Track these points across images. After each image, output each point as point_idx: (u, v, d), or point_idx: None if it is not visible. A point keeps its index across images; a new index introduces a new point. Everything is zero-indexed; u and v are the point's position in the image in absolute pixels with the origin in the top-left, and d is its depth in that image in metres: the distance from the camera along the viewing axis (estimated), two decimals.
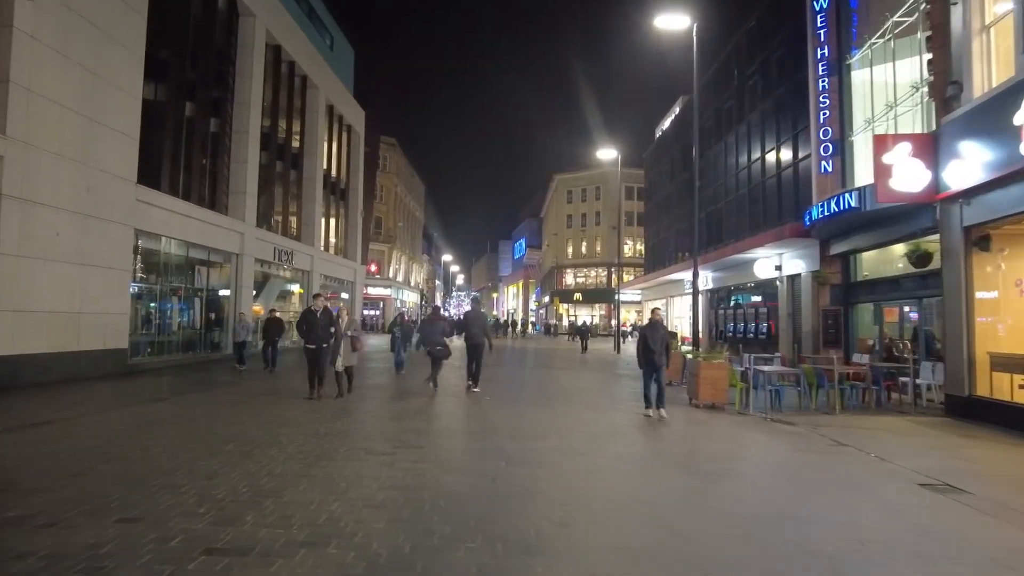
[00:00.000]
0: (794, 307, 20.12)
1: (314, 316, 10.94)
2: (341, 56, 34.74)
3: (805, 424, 9.68)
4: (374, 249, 55.51)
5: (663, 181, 37.82)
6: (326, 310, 11.15)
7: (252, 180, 22.58)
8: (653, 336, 10.23)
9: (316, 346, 10.82)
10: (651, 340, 10.18)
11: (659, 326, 10.43)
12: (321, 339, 10.82)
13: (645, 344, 10.24)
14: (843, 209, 13.37)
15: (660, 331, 10.36)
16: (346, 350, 11.01)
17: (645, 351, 10.23)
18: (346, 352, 11.01)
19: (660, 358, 10.13)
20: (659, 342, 10.20)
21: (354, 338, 11.24)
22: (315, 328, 10.85)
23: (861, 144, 15.94)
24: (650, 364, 10.13)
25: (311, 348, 10.87)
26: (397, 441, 7.25)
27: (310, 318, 11.02)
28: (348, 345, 11.07)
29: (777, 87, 21.38)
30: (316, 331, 10.83)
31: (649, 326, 10.55)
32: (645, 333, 10.41)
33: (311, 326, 10.94)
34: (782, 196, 21.14)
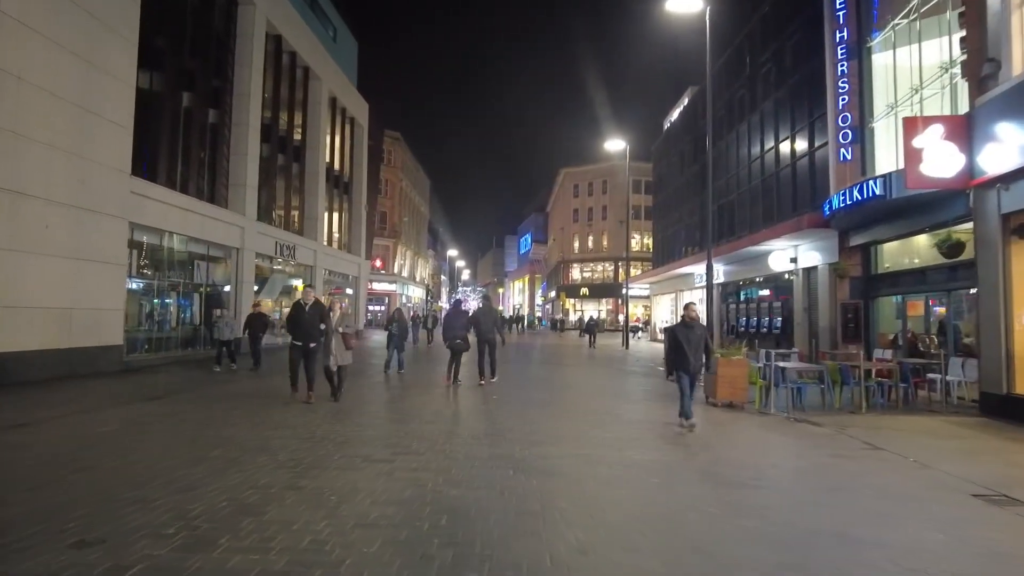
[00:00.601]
0: (810, 301, 19.47)
1: (303, 310, 9.91)
2: (344, 48, 34.18)
3: (831, 424, 9.10)
4: (379, 244, 55.04)
5: (672, 174, 37.14)
6: (317, 303, 10.12)
7: (252, 173, 22.08)
8: (688, 337, 8.53)
9: (304, 344, 9.86)
10: (686, 342, 8.50)
11: (696, 325, 8.68)
12: (310, 336, 9.82)
13: (678, 346, 8.56)
14: (866, 198, 12.72)
15: (697, 331, 8.64)
16: (339, 347, 9.92)
17: (678, 355, 8.58)
18: (339, 350, 9.92)
19: (697, 364, 8.61)
20: (696, 345, 8.57)
21: (346, 335, 10.03)
22: (303, 324, 9.86)
23: (882, 130, 15.28)
24: (683, 370, 8.49)
25: (298, 346, 9.92)
26: (397, 447, 6.71)
27: (298, 313, 9.98)
28: (340, 342, 9.97)
29: (792, 74, 20.68)
30: (304, 327, 9.85)
31: (683, 325, 8.73)
32: (677, 334, 8.63)
33: (299, 322, 9.92)
34: (797, 187, 20.47)
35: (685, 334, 8.56)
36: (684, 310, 8.88)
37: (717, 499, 5.14)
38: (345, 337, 9.94)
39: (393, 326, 14.81)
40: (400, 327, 14.79)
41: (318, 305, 10.10)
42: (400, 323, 14.92)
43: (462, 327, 12.91)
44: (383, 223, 55.74)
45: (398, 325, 14.80)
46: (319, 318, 9.84)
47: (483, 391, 11.96)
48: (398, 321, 14.96)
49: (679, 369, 8.55)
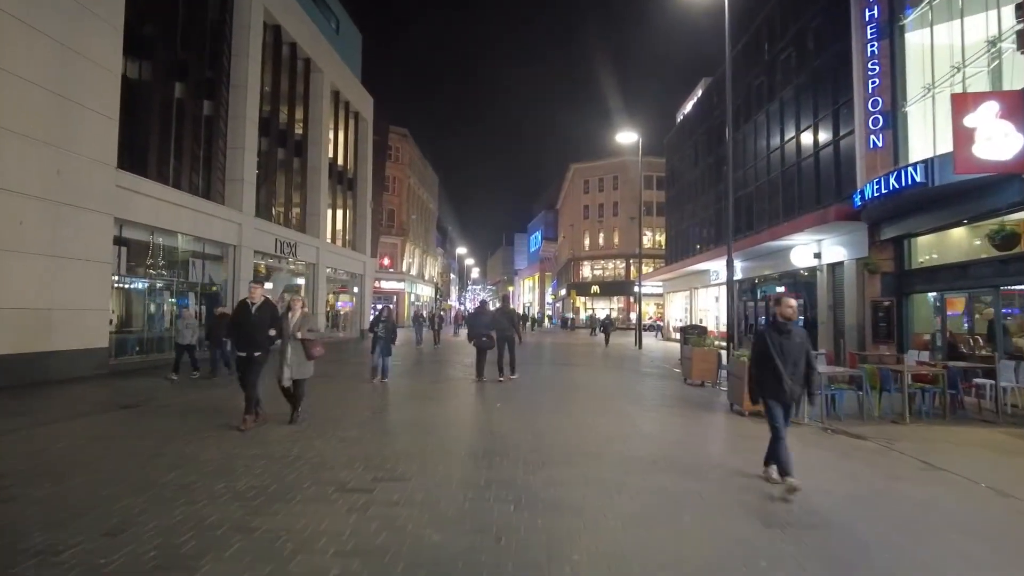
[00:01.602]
0: (835, 299, 18.38)
1: (248, 311, 7.81)
2: (347, 40, 33.30)
3: (876, 437, 8.10)
4: (386, 242, 54.29)
5: (686, 167, 36.00)
6: (267, 303, 8.00)
7: (250, 167, 21.24)
8: (783, 347, 5.64)
9: (248, 354, 7.75)
10: (780, 354, 5.61)
11: (796, 330, 5.78)
12: (254, 343, 7.74)
13: (768, 360, 5.67)
14: (905, 186, 11.66)
15: (797, 339, 5.71)
16: (296, 357, 7.95)
17: (767, 374, 5.69)
18: (296, 360, 7.95)
19: (797, 388, 5.71)
20: (796, 358, 5.66)
21: (308, 341, 7.97)
22: (247, 328, 7.75)
23: (917, 115, 14.20)
24: (776, 397, 5.71)
25: (241, 357, 7.84)
26: (380, 469, 5.77)
27: (242, 314, 7.88)
28: (300, 350, 7.96)
29: (814, 59, 19.56)
30: (248, 332, 7.76)
31: (774, 329, 5.80)
32: (769, 341, 5.72)
33: (242, 325, 7.83)
34: (821, 178, 19.35)
35: (779, 342, 5.66)
36: (777, 305, 5.95)
37: (767, 543, 4.17)
38: (307, 344, 7.99)
39: (379, 327, 12.65)
40: (387, 328, 12.69)
41: (268, 306, 8.04)
42: (388, 323, 12.77)
43: (486, 326, 13.71)
44: (391, 221, 54.97)
45: (385, 326, 12.67)
46: (268, 321, 7.90)
47: (488, 396, 11.06)
48: (385, 321, 12.81)
49: (769, 396, 5.74)
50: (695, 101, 37.27)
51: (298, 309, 8.22)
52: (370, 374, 12.90)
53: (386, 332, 12.56)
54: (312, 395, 10.52)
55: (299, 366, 8.03)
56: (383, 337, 12.52)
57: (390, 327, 12.73)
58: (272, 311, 8.06)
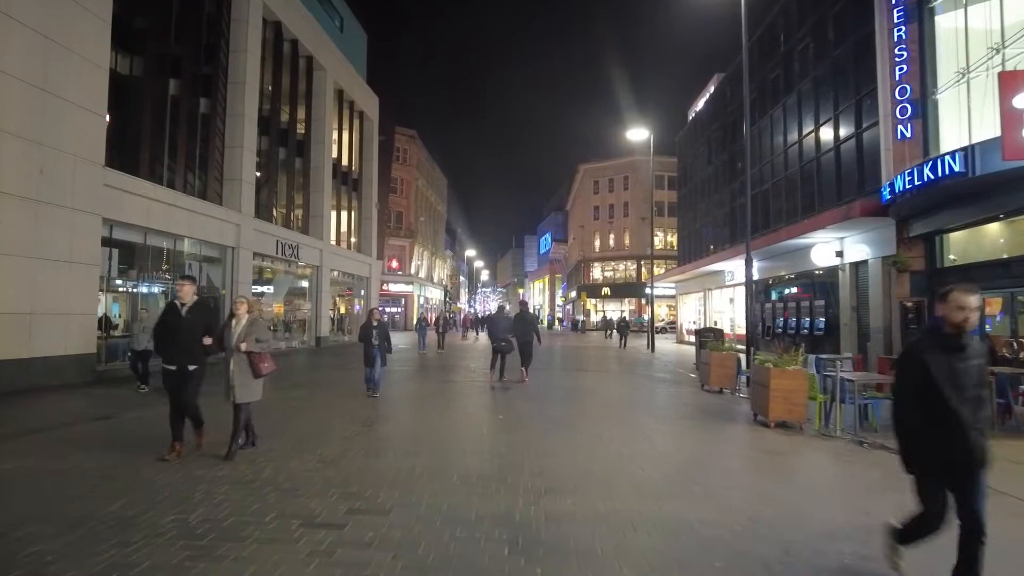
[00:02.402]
0: (859, 299, 17.47)
1: (177, 315, 6.38)
2: (352, 39, 32.72)
3: None
4: (395, 244, 53.73)
5: (699, 165, 35.07)
6: (200, 305, 6.61)
7: (249, 167, 20.64)
8: (963, 376, 3.36)
9: (178, 367, 6.31)
10: (954, 389, 3.33)
11: (973, 344, 3.44)
12: (186, 354, 6.31)
13: (935, 400, 3.37)
14: (941, 176, 10.79)
15: (974, 357, 3.42)
16: (239, 375, 6.38)
17: (937, 422, 3.39)
18: (240, 379, 6.38)
19: (978, 440, 3.34)
20: (976, 390, 3.40)
21: (254, 354, 6.40)
22: (177, 335, 6.31)
23: (950, 102, 13.31)
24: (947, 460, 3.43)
25: (170, 371, 6.34)
26: (357, 498, 5.00)
27: (170, 319, 6.41)
28: (244, 367, 6.40)
29: (835, 48, 18.67)
30: (176, 340, 6.31)
31: (940, 344, 3.47)
32: (932, 365, 3.38)
33: (169, 332, 6.38)
34: (842, 173, 18.45)
35: (949, 367, 3.37)
36: (942, 304, 3.53)
37: None
38: (253, 359, 6.39)
39: (373, 332, 11.04)
40: (381, 335, 11.09)
41: (202, 308, 6.63)
42: (381, 330, 11.20)
43: (505, 329, 14.06)
44: (399, 223, 54.40)
45: (378, 333, 11.08)
46: (202, 326, 6.45)
47: (489, 407, 10.34)
48: (377, 328, 11.20)
49: (934, 464, 3.51)
50: (707, 98, 36.33)
51: (243, 314, 6.56)
52: (366, 388, 11.22)
53: (380, 339, 11.10)
54: (301, 405, 9.84)
55: (243, 387, 6.38)
56: (376, 345, 11.04)
57: (383, 333, 11.21)
58: (207, 315, 6.66)
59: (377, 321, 11.45)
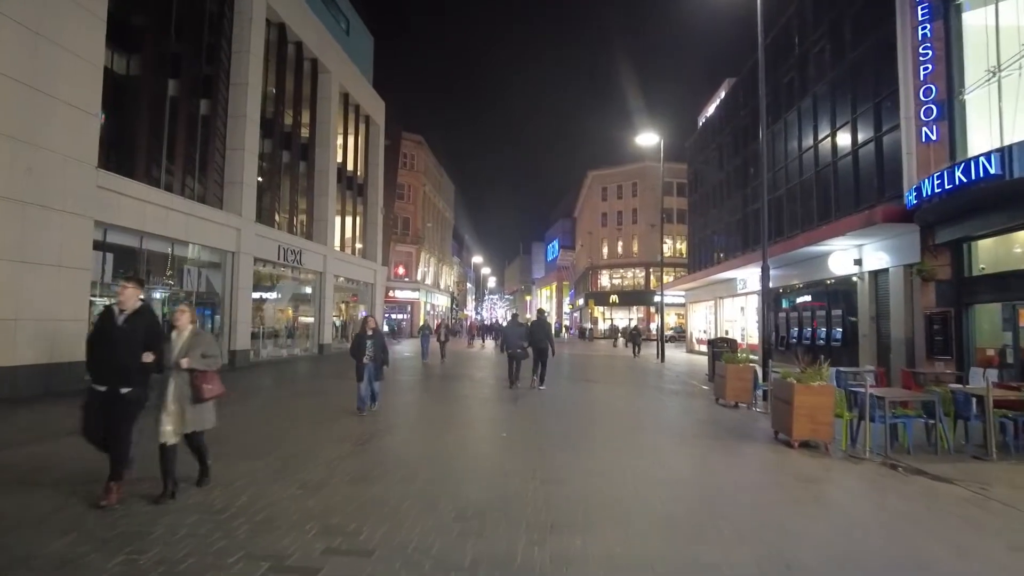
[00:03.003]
0: (879, 309, 16.78)
1: (111, 323, 5.15)
2: (358, 42, 32.33)
3: (961, 478, 6.62)
4: (401, 251, 53.37)
5: (710, 171, 34.41)
6: (143, 312, 5.26)
7: (251, 170, 20.16)
8: None
9: (109, 389, 5.04)
10: None
11: None
12: (123, 374, 5.03)
13: None
14: (974, 179, 10.15)
15: None
16: (179, 396, 5.18)
17: None
18: (180, 404, 5.18)
19: None
20: None
21: (199, 373, 5.22)
22: (112, 348, 5.03)
23: (979, 102, 12.68)
24: None
25: (97, 393, 5.09)
26: (337, 534, 4.41)
27: (106, 328, 5.18)
28: (186, 386, 5.19)
29: (853, 49, 18.05)
30: (112, 355, 5.03)
31: None
32: None
33: (102, 344, 5.12)
34: (860, 178, 17.78)
35: None
36: None
37: None
38: (197, 380, 5.21)
39: (368, 346, 9.99)
40: (377, 346, 10.07)
41: (144, 317, 5.25)
42: (377, 341, 10.16)
43: (520, 337, 14.56)
44: (405, 229, 54.06)
45: (374, 343, 10.06)
46: (143, 339, 5.10)
47: (493, 425, 9.78)
48: (373, 338, 10.13)
49: None
50: (718, 103, 35.73)
51: (185, 325, 5.38)
52: (358, 405, 10.05)
53: (376, 351, 10.04)
54: (294, 419, 9.26)
55: (188, 412, 5.19)
56: (371, 355, 9.99)
57: (380, 345, 10.15)
58: (150, 324, 5.24)
59: (372, 330, 10.23)
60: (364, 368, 9.98)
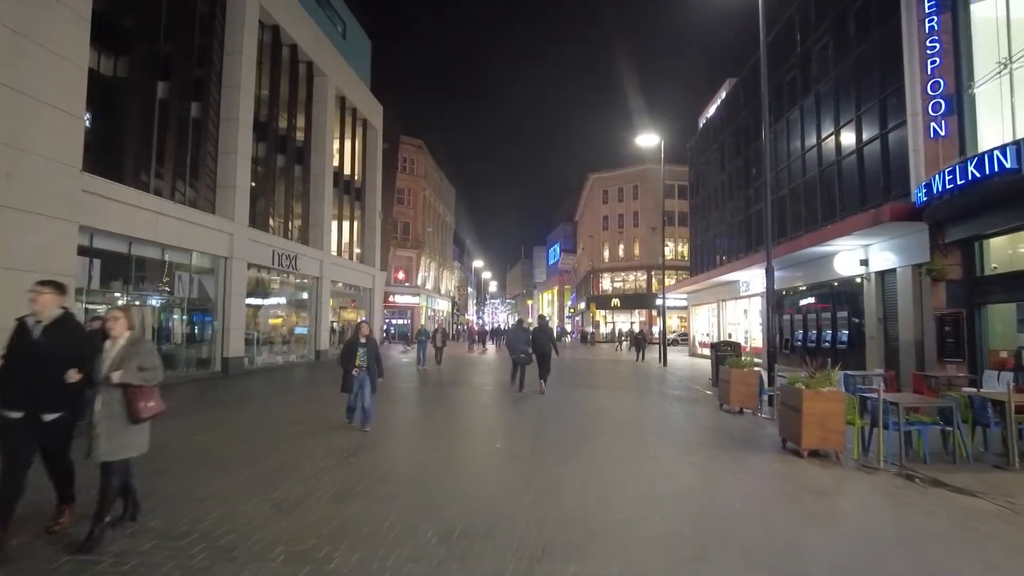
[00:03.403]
0: (886, 311, 16.35)
1: (26, 336, 4.32)
2: (355, 45, 32.04)
3: (985, 491, 6.20)
4: (401, 255, 53.05)
5: (712, 172, 34.04)
6: (63, 323, 4.44)
7: (244, 174, 19.81)
8: None
9: (26, 415, 4.22)
10: None
11: None
12: (40, 400, 4.26)
13: None
14: (988, 174, 9.74)
15: None
16: (108, 420, 4.29)
17: None
18: (109, 424, 4.28)
19: None
20: None
21: (133, 389, 4.32)
22: (30, 365, 4.23)
23: (989, 96, 12.28)
24: None
25: (10, 421, 4.21)
26: (304, 561, 3.98)
27: (18, 343, 4.32)
28: (117, 407, 4.31)
29: (857, 45, 17.68)
30: (27, 374, 4.22)
31: None
32: None
33: (17, 359, 4.28)
34: (865, 176, 17.40)
35: None
36: None
37: None
38: (132, 397, 4.32)
39: (360, 354, 9.02)
40: (370, 354, 9.09)
41: (66, 329, 4.45)
42: (370, 349, 9.15)
43: (525, 342, 14.60)
44: (405, 234, 53.76)
45: (367, 352, 9.09)
46: (66, 354, 4.33)
47: (486, 433, 9.37)
48: (366, 346, 9.15)
49: None
50: (719, 103, 35.38)
51: (121, 333, 4.48)
52: (346, 415, 9.30)
53: (369, 361, 9.02)
54: (280, 429, 8.82)
55: (115, 435, 4.28)
56: (364, 367, 8.99)
57: (372, 354, 9.10)
58: (73, 336, 4.49)
59: (366, 337, 9.22)
60: (353, 380, 8.98)
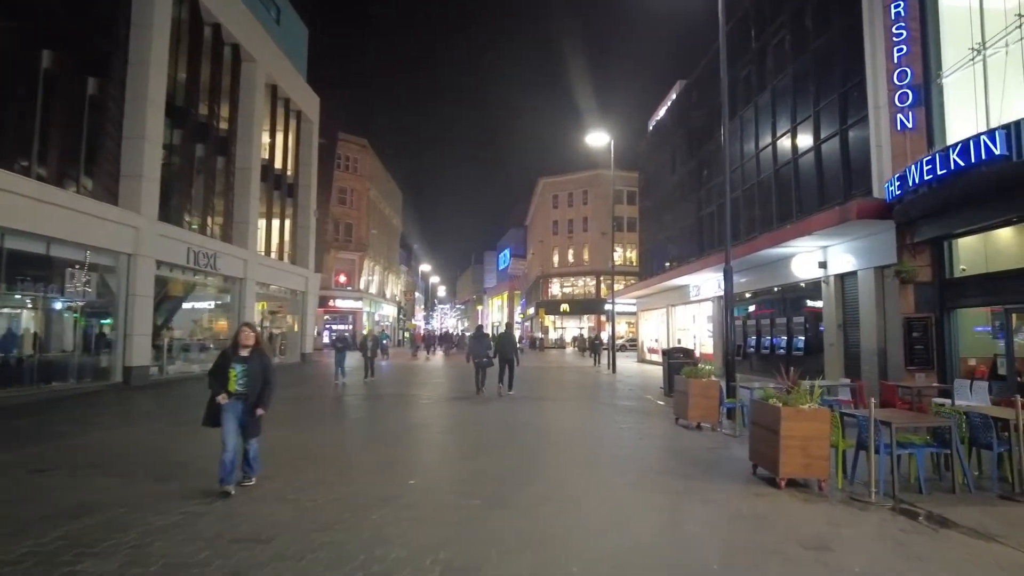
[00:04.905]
0: (846, 316, 15.51)
1: None
2: (290, 32, 29.96)
3: (1004, 534, 5.04)
4: (344, 258, 50.82)
5: (663, 175, 33.19)
6: None
7: (153, 162, 17.68)
8: None
9: None
10: None
11: None
12: None
13: None
14: (974, 163, 8.76)
15: None
16: None
17: None
18: None
19: None
20: None
21: None
22: None
23: (960, 85, 11.45)
24: None
25: None
26: None
27: None
28: None
29: (815, 38, 16.88)
30: None
31: None
32: None
33: None
34: (823, 175, 16.56)
35: None
36: None
37: None
38: None
39: (236, 375, 5.97)
40: (252, 372, 6.01)
41: None
42: (257, 362, 6.08)
43: (486, 347, 15.99)
44: (349, 235, 51.54)
45: (247, 372, 6.00)
46: None
47: (402, 468, 7.79)
48: (248, 361, 6.06)
49: None
50: (669, 106, 34.70)
51: None
52: (221, 473, 5.86)
53: (250, 383, 5.99)
54: (135, 466, 6.96)
55: None
56: (244, 396, 5.98)
57: (255, 373, 6.02)
58: None
59: (248, 348, 6.07)
60: (225, 410, 5.90)
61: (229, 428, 5.88)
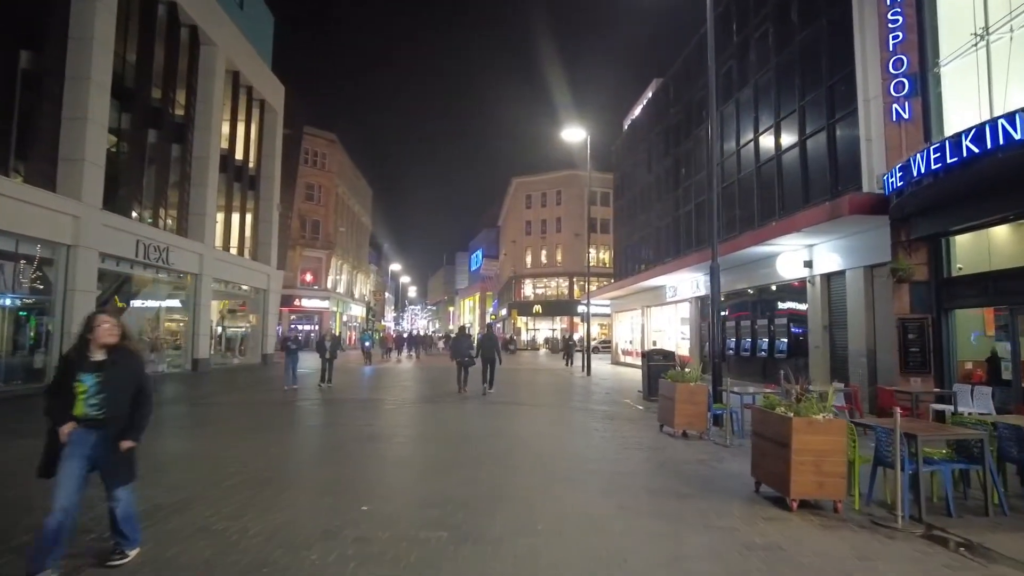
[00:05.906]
0: (833, 318, 14.88)
1: None
2: (253, 17, 28.61)
3: None
4: (310, 256, 49.36)
5: (638, 174, 32.55)
6: None
7: (97, 146, 16.36)
8: None
9: None
10: None
11: None
12: None
13: None
14: (989, 149, 8.05)
15: None
16: None
17: None
18: None
19: None
20: None
21: None
22: None
23: (959, 74, 10.85)
24: None
25: None
26: None
27: None
28: None
29: (801, 29, 16.27)
30: None
31: None
32: None
33: None
34: (808, 171, 15.97)
35: None
36: None
37: None
38: None
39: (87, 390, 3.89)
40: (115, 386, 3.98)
41: None
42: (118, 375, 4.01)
43: (469, 347, 16.54)
44: (316, 232, 50.09)
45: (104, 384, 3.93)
46: None
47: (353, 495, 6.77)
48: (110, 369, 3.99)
49: None
50: (645, 104, 34.09)
51: None
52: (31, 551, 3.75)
53: (112, 405, 3.96)
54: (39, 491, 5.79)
55: None
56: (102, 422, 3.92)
57: (123, 384, 4.04)
58: None
59: (108, 350, 4.02)
60: (69, 446, 3.84)
61: (67, 474, 3.77)
